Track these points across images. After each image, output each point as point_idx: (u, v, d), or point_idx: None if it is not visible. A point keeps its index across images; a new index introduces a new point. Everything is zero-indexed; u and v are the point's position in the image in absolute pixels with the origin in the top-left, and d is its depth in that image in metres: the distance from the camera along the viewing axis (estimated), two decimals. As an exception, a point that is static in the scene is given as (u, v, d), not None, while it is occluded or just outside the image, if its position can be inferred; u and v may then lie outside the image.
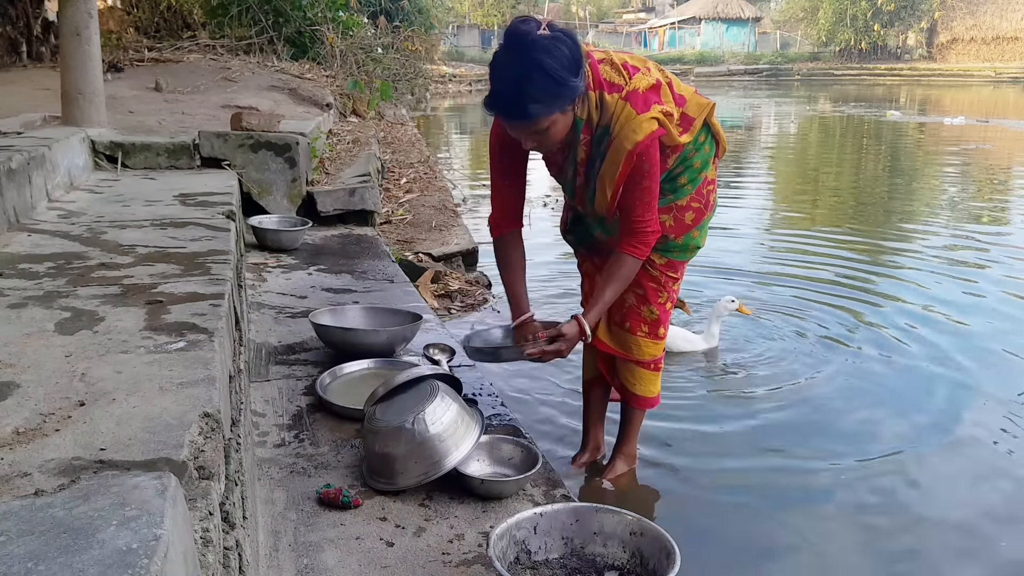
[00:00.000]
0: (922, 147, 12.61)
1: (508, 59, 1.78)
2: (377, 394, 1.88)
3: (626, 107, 1.89)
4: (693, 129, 2.02)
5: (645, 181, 1.94)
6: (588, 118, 1.93)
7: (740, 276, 4.87)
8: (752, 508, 2.45)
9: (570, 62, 1.77)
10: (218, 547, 1.02)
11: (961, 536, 2.31)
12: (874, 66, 36.50)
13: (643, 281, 2.22)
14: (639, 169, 1.92)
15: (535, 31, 1.76)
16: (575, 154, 2.01)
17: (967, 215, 6.98)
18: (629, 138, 1.89)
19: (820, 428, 2.95)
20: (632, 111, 1.89)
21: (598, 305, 2.08)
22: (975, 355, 3.62)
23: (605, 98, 1.91)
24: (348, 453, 1.96)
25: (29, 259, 2.03)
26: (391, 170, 6.53)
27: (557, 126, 1.85)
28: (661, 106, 1.93)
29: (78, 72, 3.76)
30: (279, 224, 3.97)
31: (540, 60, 1.74)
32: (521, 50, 1.76)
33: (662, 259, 2.21)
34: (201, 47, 8.65)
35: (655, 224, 2.01)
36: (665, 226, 2.13)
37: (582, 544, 1.60)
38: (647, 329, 2.26)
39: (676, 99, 2.02)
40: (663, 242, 2.17)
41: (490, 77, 1.83)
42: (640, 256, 2.04)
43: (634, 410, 2.44)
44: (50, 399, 1.17)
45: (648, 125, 1.89)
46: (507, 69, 1.78)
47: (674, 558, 1.46)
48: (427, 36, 12.96)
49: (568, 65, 1.77)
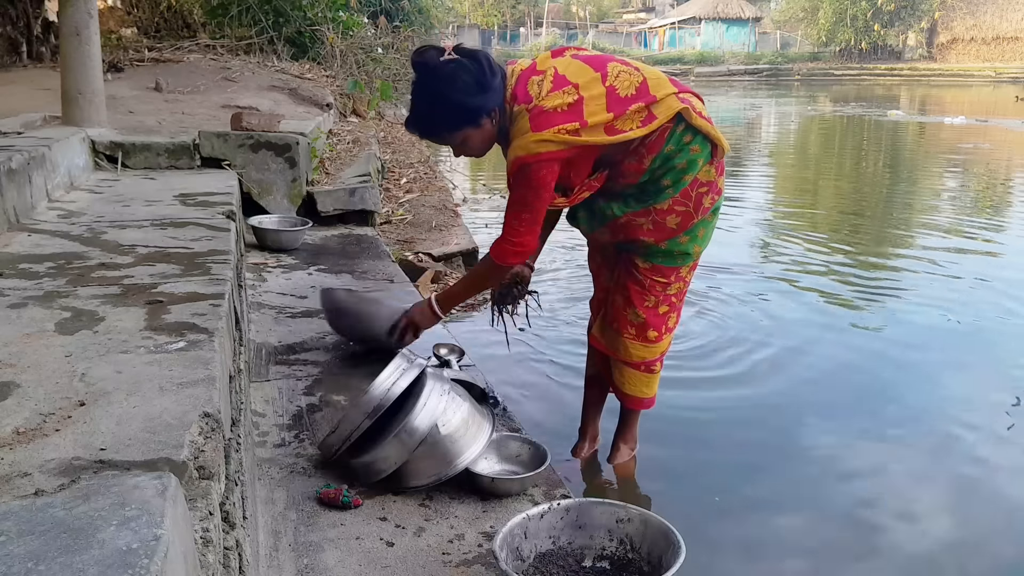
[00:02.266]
0: (922, 146, 12.63)
1: (416, 87, 1.99)
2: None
3: (524, 119, 1.94)
4: (652, 125, 1.96)
5: (520, 191, 2.00)
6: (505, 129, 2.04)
7: (739, 274, 4.87)
8: (753, 492, 2.48)
9: (471, 86, 1.91)
10: (218, 547, 1.02)
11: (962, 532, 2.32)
12: (874, 66, 36.49)
13: (627, 283, 2.21)
14: (516, 181, 1.99)
15: (435, 60, 1.93)
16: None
17: (967, 213, 6.99)
18: (513, 150, 1.96)
19: (821, 419, 2.96)
20: (527, 125, 1.93)
21: (454, 288, 2.33)
22: (974, 352, 3.65)
23: (513, 110, 1.98)
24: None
25: (29, 259, 2.03)
26: (391, 170, 6.53)
27: (473, 139, 2.01)
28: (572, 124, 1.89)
29: (78, 72, 3.76)
30: (279, 224, 3.97)
31: (439, 89, 1.92)
32: (425, 79, 1.96)
33: (646, 263, 2.18)
34: (201, 47, 8.64)
35: (519, 239, 2.05)
36: (643, 229, 2.11)
37: (569, 541, 1.62)
38: (634, 332, 2.24)
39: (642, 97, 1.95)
40: (644, 247, 2.15)
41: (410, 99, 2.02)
42: (498, 259, 2.11)
43: (627, 410, 2.46)
44: (50, 399, 1.17)
45: (535, 147, 1.90)
46: (416, 96, 1.99)
47: (677, 546, 1.47)
48: (427, 36, 12.95)
49: (467, 89, 1.91)
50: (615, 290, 2.27)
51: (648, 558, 1.56)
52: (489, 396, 2.20)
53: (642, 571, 1.57)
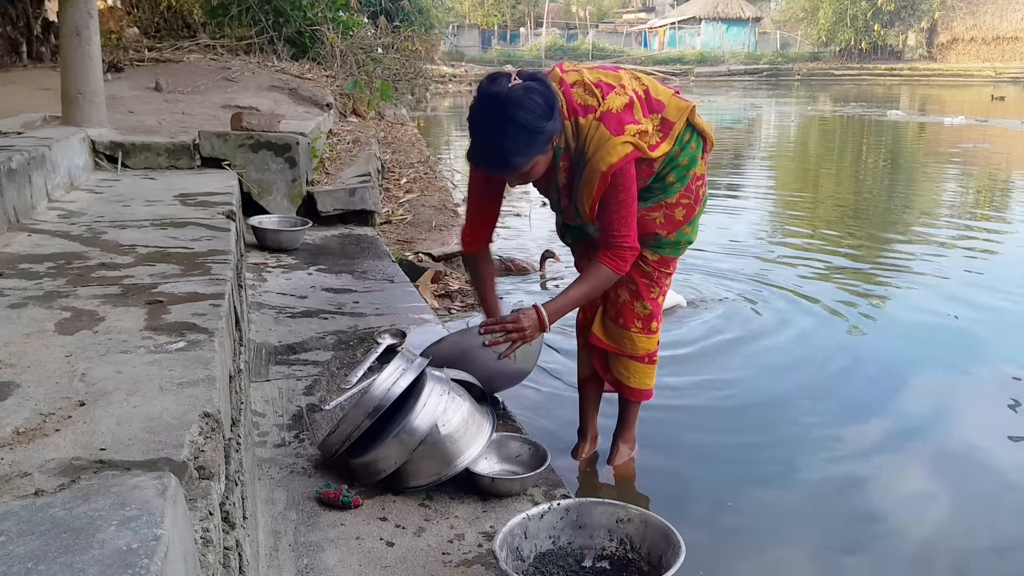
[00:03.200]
0: (922, 146, 12.63)
1: (485, 117, 1.86)
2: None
3: (600, 128, 1.94)
4: (672, 134, 2.05)
5: (620, 195, 1.99)
6: (566, 146, 2.00)
7: (739, 273, 4.87)
8: (753, 491, 2.48)
9: (544, 108, 1.84)
10: (218, 547, 1.02)
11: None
12: (874, 66, 36.49)
13: (636, 278, 2.26)
14: (614, 187, 1.97)
15: (506, 87, 1.83)
16: (557, 181, 2.09)
17: (967, 211, 6.99)
18: (604, 160, 1.94)
19: (821, 418, 2.96)
20: (606, 132, 1.93)
21: (563, 301, 2.10)
22: (972, 348, 3.67)
23: (580, 122, 1.96)
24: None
25: (29, 259, 2.03)
26: (391, 170, 6.54)
27: (539, 165, 1.93)
28: (637, 126, 1.97)
29: (78, 72, 3.76)
30: (279, 224, 3.97)
31: (514, 115, 1.81)
32: (496, 108, 1.83)
33: (655, 255, 2.25)
34: (201, 47, 8.64)
35: (632, 240, 2.05)
36: (656, 223, 2.18)
37: (568, 541, 1.62)
38: (640, 324, 2.30)
39: (654, 106, 2.05)
40: (655, 239, 2.21)
41: (470, 132, 1.90)
42: (618, 270, 2.07)
43: (630, 403, 2.49)
44: (50, 399, 1.17)
45: (622, 148, 1.93)
46: (485, 127, 1.86)
47: (677, 546, 1.47)
48: (427, 36, 12.95)
49: (542, 112, 1.83)
50: (618, 287, 2.29)
51: (648, 558, 1.57)
52: (489, 396, 2.20)
53: (642, 571, 1.57)
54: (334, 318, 2.92)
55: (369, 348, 2.58)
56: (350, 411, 1.84)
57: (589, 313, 2.44)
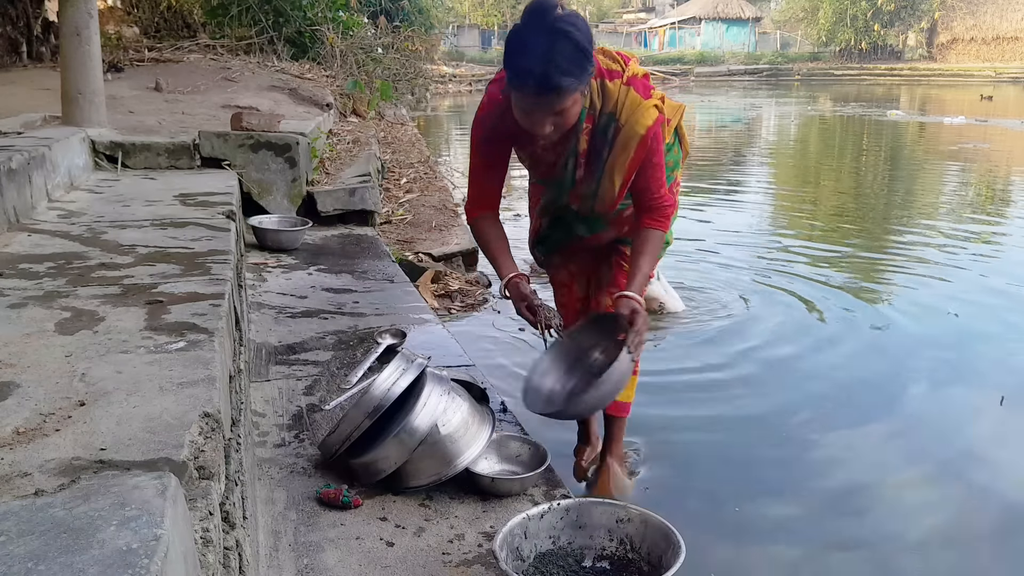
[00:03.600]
0: (921, 145, 12.63)
1: (534, 34, 1.72)
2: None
3: (630, 92, 1.90)
4: (668, 129, 2.06)
5: (656, 157, 1.97)
6: (591, 106, 1.92)
7: (740, 270, 4.87)
8: (751, 493, 2.48)
9: (589, 39, 1.74)
10: (218, 547, 1.02)
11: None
12: (874, 66, 36.50)
13: (618, 280, 2.24)
14: (652, 149, 1.94)
15: (555, 7, 1.72)
16: (575, 146, 1.97)
17: (966, 209, 6.99)
18: (641, 122, 1.90)
19: (821, 418, 2.97)
20: (637, 96, 1.90)
21: (638, 277, 1.99)
22: (971, 347, 3.69)
23: (607, 85, 1.91)
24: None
25: (29, 259, 2.03)
26: (391, 170, 6.53)
27: (575, 107, 1.80)
28: (658, 92, 1.97)
29: (78, 72, 3.76)
30: (279, 224, 3.97)
31: (568, 31, 1.70)
32: (547, 24, 1.71)
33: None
34: (201, 47, 8.64)
35: (670, 197, 2.05)
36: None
37: (569, 541, 1.62)
38: None
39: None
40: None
41: (511, 54, 1.75)
42: (663, 228, 2.06)
43: (614, 419, 2.42)
44: (50, 399, 1.17)
45: (654, 112, 1.92)
46: (535, 43, 1.71)
47: (677, 546, 1.47)
48: (427, 36, 12.95)
49: (590, 40, 1.74)
50: (601, 291, 2.27)
51: (648, 558, 1.57)
52: (489, 396, 2.20)
53: (642, 571, 1.57)
54: (334, 318, 2.92)
55: (369, 348, 2.58)
56: (350, 411, 1.84)
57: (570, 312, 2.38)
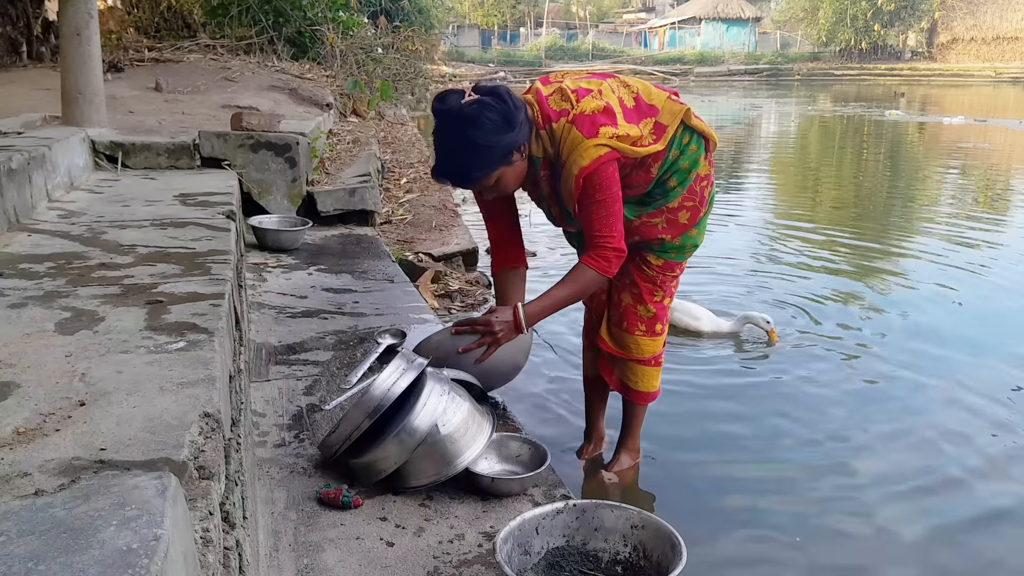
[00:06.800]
0: (921, 145, 12.64)
1: (440, 137, 1.90)
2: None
3: (572, 130, 1.93)
4: (665, 137, 2.02)
5: (598, 195, 1.96)
6: (544, 155, 2.00)
7: (742, 274, 4.87)
8: (757, 500, 2.47)
9: (500, 124, 1.85)
10: (218, 547, 1.02)
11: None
12: (874, 66, 36.49)
13: (639, 281, 2.26)
14: (590, 188, 1.95)
15: (457, 104, 1.85)
16: (542, 190, 2.09)
17: (966, 209, 6.99)
18: (576, 163, 1.93)
19: (825, 424, 2.95)
20: (578, 135, 1.92)
21: (545, 302, 2.05)
22: (973, 343, 3.70)
23: (553, 127, 1.96)
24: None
25: (29, 259, 2.03)
26: (391, 170, 6.54)
27: (506, 176, 1.94)
28: (614, 129, 1.94)
29: (78, 72, 3.76)
30: (279, 224, 3.97)
31: (467, 133, 1.85)
32: (450, 125, 1.88)
33: (659, 260, 2.24)
34: (201, 47, 8.65)
35: (616, 241, 2.00)
36: (659, 229, 2.16)
37: (583, 541, 1.60)
38: (644, 328, 2.30)
39: (646, 111, 2.02)
40: (660, 244, 2.20)
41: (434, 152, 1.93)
42: (603, 272, 2.01)
43: (635, 406, 2.46)
44: (50, 399, 1.17)
45: (595, 151, 1.92)
46: (442, 146, 1.91)
47: (679, 550, 1.47)
48: (427, 36, 12.95)
49: (496, 128, 1.85)
50: (620, 290, 2.29)
51: (657, 567, 1.55)
52: (489, 396, 2.20)
53: (649, 577, 1.56)
54: (334, 318, 2.92)
55: (369, 348, 2.58)
56: (350, 411, 1.84)
57: (595, 315, 2.43)
